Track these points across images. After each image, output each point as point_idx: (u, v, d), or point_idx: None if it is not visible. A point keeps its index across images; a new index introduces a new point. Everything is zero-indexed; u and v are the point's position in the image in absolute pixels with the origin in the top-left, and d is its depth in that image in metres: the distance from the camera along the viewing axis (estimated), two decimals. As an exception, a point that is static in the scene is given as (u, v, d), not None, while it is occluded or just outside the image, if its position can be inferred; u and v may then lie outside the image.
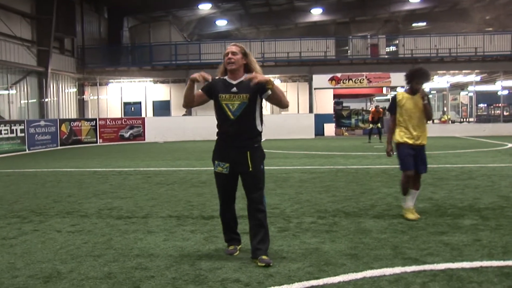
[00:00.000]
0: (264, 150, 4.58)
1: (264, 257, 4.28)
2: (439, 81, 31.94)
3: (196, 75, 4.29)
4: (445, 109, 35.23)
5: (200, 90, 4.52)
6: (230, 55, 4.32)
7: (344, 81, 26.79)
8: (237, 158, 4.37)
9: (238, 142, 4.34)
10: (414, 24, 38.27)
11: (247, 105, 4.30)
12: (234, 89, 4.32)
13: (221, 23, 38.01)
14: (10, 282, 3.99)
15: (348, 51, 30.20)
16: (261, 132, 4.47)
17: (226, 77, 4.41)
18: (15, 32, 22.59)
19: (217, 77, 4.49)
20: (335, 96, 30.93)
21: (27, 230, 5.77)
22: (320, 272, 4.01)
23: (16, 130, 18.66)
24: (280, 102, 4.41)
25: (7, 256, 4.73)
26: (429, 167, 6.61)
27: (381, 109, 22.65)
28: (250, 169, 4.39)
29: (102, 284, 3.88)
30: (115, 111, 28.85)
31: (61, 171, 12.18)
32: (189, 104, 4.54)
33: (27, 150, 19.11)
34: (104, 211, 6.83)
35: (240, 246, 4.74)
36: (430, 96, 41.73)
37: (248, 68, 4.40)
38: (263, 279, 3.91)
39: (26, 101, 23.77)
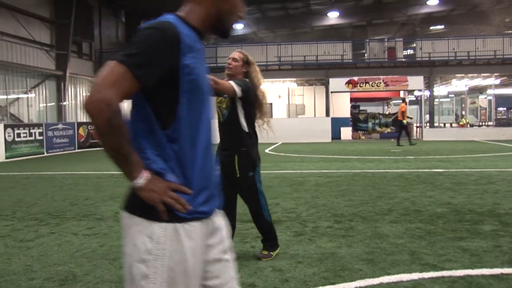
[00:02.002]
0: (281, 154, 4.57)
1: (263, 251, 4.53)
2: (457, 85, 31.68)
3: None
4: (463, 113, 34.91)
5: None
6: (230, 61, 4.43)
7: (361, 85, 26.64)
8: (225, 160, 4.39)
9: (227, 144, 4.43)
10: (431, 27, 38.00)
11: (231, 108, 4.36)
12: None
13: (238, 27, 38.07)
14: (27, 284, 4.01)
15: (365, 55, 30.06)
16: (249, 134, 4.40)
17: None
18: (35, 36, 22.85)
19: None
20: (352, 99, 30.80)
21: (44, 233, 5.81)
22: (336, 277, 3.97)
23: (35, 133, 18.86)
24: (225, 92, 4.26)
25: (24, 258, 4.76)
26: (447, 171, 6.52)
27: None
28: (238, 176, 4.39)
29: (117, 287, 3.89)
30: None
31: (79, 174, 12.27)
32: None
33: (45, 153, 19.29)
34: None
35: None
36: (448, 100, 41.36)
37: (248, 76, 4.45)
38: (278, 283, 3.88)
39: (44, 105, 24.02)
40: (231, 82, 4.24)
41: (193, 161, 1.72)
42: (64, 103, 24.73)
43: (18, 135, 17.83)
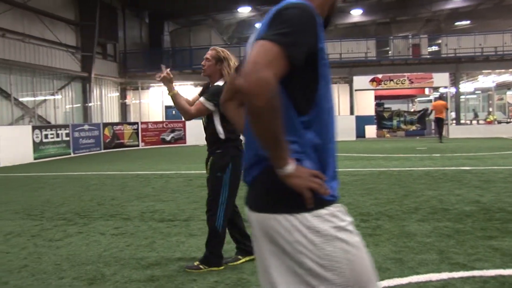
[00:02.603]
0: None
1: (196, 262, 4.32)
2: (484, 81, 31.15)
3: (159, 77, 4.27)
4: (490, 109, 34.32)
5: None
6: (203, 62, 4.38)
7: (385, 82, 26.39)
8: (206, 162, 4.46)
9: (208, 147, 4.47)
10: (457, 23, 37.42)
11: (209, 116, 4.36)
12: None
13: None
14: (57, 283, 4.06)
15: (389, 52, 29.76)
16: (226, 139, 4.29)
17: (209, 81, 4.49)
18: (60, 38, 23.17)
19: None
20: (376, 97, 30.52)
21: (72, 233, 5.88)
22: (364, 277, 3.93)
23: (62, 134, 19.12)
24: (201, 115, 4.35)
25: (54, 257, 4.82)
26: (475, 169, 6.41)
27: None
28: (208, 175, 4.43)
29: (145, 287, 3.91)
30: (156, 115, 29.24)
31: (105, 174, 12.40)
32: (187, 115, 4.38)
33: (72, 153, 19.55)
34: (147, 214, 6.89)
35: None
36: (475, 96, 40.70)
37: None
38: (305, 283, 3.86)
39: (70, 106, 24.34)
40: (201, 100, 4.24)
41: (327, 148, 1.71)
42: (90, 104, 25.03)
43: (46, 136, 18.10)
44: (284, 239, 1.64)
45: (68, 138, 19.43)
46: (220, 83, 4.33)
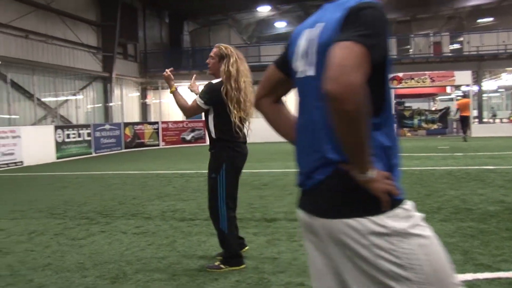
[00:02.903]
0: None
1: (216, 262, 4.33)
2: (507, 79, 30.71)
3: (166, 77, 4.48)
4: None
5: None
6: (208, 59, 4.40)
7: (406, 81, 26.14)
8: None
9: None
10: (479, 20, 36.91)
11: (205, 115, 4.38)
12: None
13: (280, 25, 38.01)
14: (80, 281, 4.10)
15: (410, 50, 29.49)
16: (216, 139, 4.28)
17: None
18: (82, 39, 23.41)
19: None
20: (396, 96, 30.23)
21: (95, 231, 5.93)
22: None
23: (83, 134, 19.32)
24: (196, 113, 4.42)
25: (77, 256, 4.87)
26: (499, 168, 6.31)
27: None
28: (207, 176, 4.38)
29: (167, 286, 3.93)
30: (176, 115, 29.31)
31: (126, 173, 12.49)
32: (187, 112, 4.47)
33: (93, 153, 19.73)
34: (168, 213, 6.93)
35: (245, 249, 4.66)
36: (498, 94, 40.10)
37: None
38: (327, 283, 3.83)
39: (92, 106, 24.57)
40: (196, 100, 4.27)
41: (395, 150, 1.69)
42: (111, 104, 25.24)
43: (68, 136, 18.30)
44: (359, 244, 1.60)
45: (89, 138, 19.62)
46: (215, 80, 4.31)
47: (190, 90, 4.68)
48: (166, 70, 4.49)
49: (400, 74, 26.24)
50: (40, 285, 4.06)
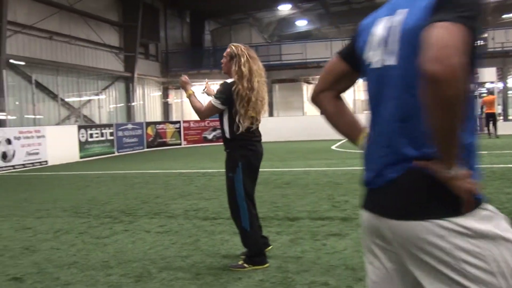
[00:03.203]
0: (348, 150, 4.46)
1: (239, 261, 4.30)
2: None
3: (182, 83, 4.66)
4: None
5: None
6: (223, 59, 4.43)
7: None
8: None
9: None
10: (504, 15, 36.36)
11: (219, 115, 4.41)
12: None
13: (301, 23, 37.89)
14: (105, 280, 4.13)
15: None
16: (231, 138, 4.30)
17: None
18: (105, 40, 23.63)
19: None
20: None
21: (118, 230, 5.98)
22: (412, 277, 3.84)
23: (106, 133, 19.51)
24: (212, 114, 4.45)
25: (101, 255, 4.91)
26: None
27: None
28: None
29: (191, 285, 3.93)
30: (198, 114, 29.46)
31: (148, 172, 12.57)
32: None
33: (115, 152, 19.91)
34: (191, 212, 6.95)
35: (269, 248, 4.62)
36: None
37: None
38: (352, 282, 3.81)
39: (114, 105, 24.80)
40: (211, 100, 4.32)
41: (475, 146, 1.57)
42: (133, 104, 25.44)
43: (91, 135, 18.50)
44: (439, 248, 1.47)
45: (112, 137, 19.81)
46: (230, 80, 4.31)
47: (206, 95, 4.70)
48: (183, 75, 4.60)
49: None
50: (66, 283, 4.11)
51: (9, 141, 14.60)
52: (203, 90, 4.76)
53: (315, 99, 1.88)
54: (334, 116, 1.88)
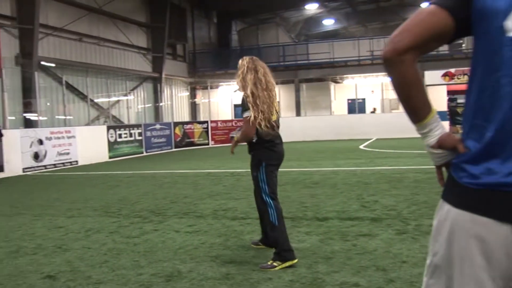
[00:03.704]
0: (376, 150, 4.45)
1: (269, 261, 4.35)
2: None
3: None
4: None
5: None
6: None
7: (458, 77, 25.46)
8: None
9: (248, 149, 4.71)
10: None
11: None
12: None
13: (328, 22, 37.74)
14: (136, 279, 4.17)
15: (463, 45, 28.68)
16: (256, 142, 4.56)
17: None
18: (133, 41, 23.90)
19: None
20: (448, 92, 29.51)
21: (148, 230, 6.03)
22: (445, 279, 3.78)
23: (134, 133, 19.72)
24: (253, 132, 4.56)
25: (132, 254, 4.95)
26: None
27: None
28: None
29: (221, 285, 3.94)
30: (225, 114, 29.57)
31: (177, 172, 12.66)
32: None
33: (144, 152, 20.11)
34: (219, 212, 6.97)
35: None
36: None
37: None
38: (383, 283, 3.77)
39: (142, 106, 25.05)
40: (244, 116, 4.49)
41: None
42: (161, 104, 25.66)
43: (120, 135, 18.72)
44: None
45: (140, 138, 20.02)
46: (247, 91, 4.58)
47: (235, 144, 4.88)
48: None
49: (453, 70, 25.60)
50: (98, 281, 4.15)
51: (40, 142, 14.88)
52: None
53: (397, 58, 1.47)
54: (414, 84, 1.53)
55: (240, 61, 4.66)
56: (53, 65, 18.76)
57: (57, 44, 19.06)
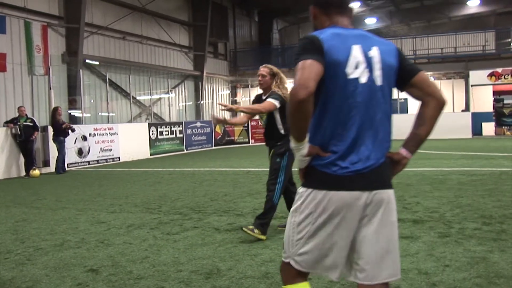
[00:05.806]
0: (418, 151, 4.35)
1: (250, 225, 5.38)
2: None
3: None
4: None
5: None
6: (260, 78, 5.51)
7: (505, 76, 24.75)
8: (268, 153, 5.63)
9: (267, 142, 5.62)
10: None
11: (269, 116, 5.45)
12: None
13: (371, 21, 37.24)
14: (176, 275, 4.20)
15: (511, 44, 27.88)
16: (284, 134, 5.36)
17: (262, 93, 5.65)
18: (175, 39, 24.17)
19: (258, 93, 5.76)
20: (495, 92, 28.73)
21: (188, 227, 6.07)
22: (491, 285, 3.68)
23: (175, 131, 19.95)
24: (255, 113, 5.81)
25: (172, 251, 5.00)
26: None
27: None
28: (269, 162, 5.56)
29: (260, 284, 3.93)
30: (265, 112, 29.56)
31: (217, 170, 12.73)
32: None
33: (185, 150, 20.32)
34: (259, 210, 6.92)
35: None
36: None
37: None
38: (425, 287, 3.69)
39: (183, 104, 25.29)
40: (270, 100, 5.26)
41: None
42: (202, 102, 25.86)
43: (161, 133, 18.97)
44: (393, 204, 2.51)
45: (181, 135, 20.23)
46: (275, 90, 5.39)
47: (234, 110, 5.45)
48: (214, 117, 5.90)
49: (499, 70, 24.90)
50: (138, 276, 4.21)
51: (84, 138, 15.21)
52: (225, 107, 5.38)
53: (308, 100, 2.07)
54: (310, 116, 2.15)
55: (272, 68, 5.47)
56: (97, 63, 19.14)
57: (101, 42, 19.44)
